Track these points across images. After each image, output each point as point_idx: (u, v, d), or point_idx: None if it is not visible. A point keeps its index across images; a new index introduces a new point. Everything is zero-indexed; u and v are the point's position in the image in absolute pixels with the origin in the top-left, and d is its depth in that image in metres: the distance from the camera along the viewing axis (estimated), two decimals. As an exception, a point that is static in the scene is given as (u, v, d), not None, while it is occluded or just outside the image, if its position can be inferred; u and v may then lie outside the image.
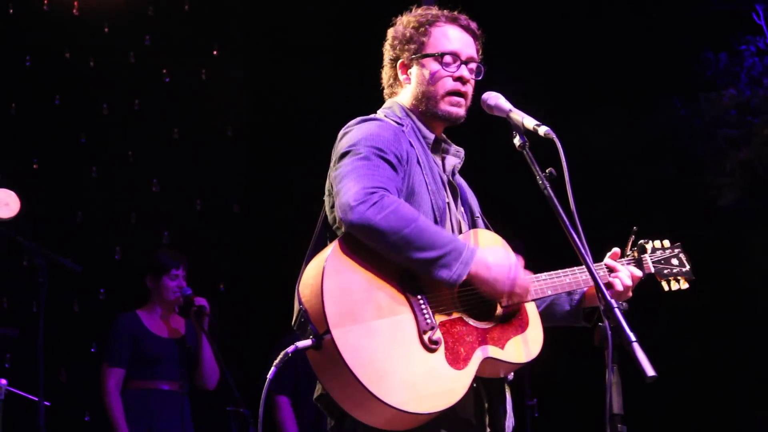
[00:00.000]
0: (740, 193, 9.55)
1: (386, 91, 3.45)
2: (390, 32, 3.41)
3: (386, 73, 3.43)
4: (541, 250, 3.47)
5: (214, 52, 8.72)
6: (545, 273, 3.26)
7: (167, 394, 6.30)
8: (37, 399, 5.11)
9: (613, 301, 2.74)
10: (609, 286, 3.37)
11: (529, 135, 3.13)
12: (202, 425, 6.59)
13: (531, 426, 6.85)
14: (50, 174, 7.92)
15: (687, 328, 9.30)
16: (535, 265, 3.29)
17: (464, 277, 2.94)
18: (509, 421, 3.22)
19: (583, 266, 3.30)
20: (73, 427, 7.45)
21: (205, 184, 8.46)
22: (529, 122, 3.13)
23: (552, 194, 2.97)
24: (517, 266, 3.08)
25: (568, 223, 2.90)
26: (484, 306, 3.11)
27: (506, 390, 3.24)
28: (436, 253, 2.91)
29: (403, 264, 2.94)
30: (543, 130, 3.08)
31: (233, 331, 7.54)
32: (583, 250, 2.89)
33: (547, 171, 3.02)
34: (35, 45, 8.01)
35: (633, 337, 2.66)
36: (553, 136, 3.05)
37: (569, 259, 3.12)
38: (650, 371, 2.61)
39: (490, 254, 3.04)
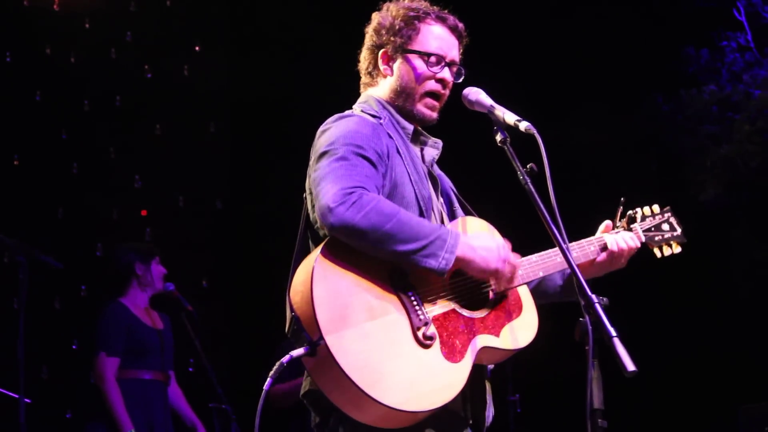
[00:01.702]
0: (721, 189, 9.59)
1: (363, 78, 3.41)
2: (376, 17, 3.38)
3: (365, 58, 3.39)
4: (523, 245, 3.47)
5: (197, 48, 8.71)
6: (535, 254, 3.26)
7: (154, 383, 6.29)
8: (17, 396, 5.08)
9: (593, 297, 2.74)
10: (605, 248, 3.44)
11: (510, 130, 3.13)
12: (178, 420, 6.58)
13: (513, 421, 6.86)
14: (31, 170, 7.89)
15: (669, 323, 9.33)
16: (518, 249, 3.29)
17: (452, 264, 2.93)
18: (489, 411, 3.22)
19: (573, 244, 3.34)
20: (54, 425, 7.42)
21: (187, 181, 8.44)
22: (510, 118, 3.13)
23: (533, 190, 2.97)
24: (505, 246, 3.08)
25: (548, 218, 2.90)
26: (477, 295, 3.11)
27: (486, 381, 3.23)
28: (421, 243, 2.90)
29: (390, 259, 2.93)
30: (524, 125, 3.08)
31: (216, 328, 7.53)
32: (564, 246, 2.89)
33: (528, 166, 3.02)
34: (16, 41, 7.98)
35: (614, 332, 2.66)
36: (534, 131, 3.05)
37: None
38: (630, 366, 2.61)
39: (474, 238, 3.04)
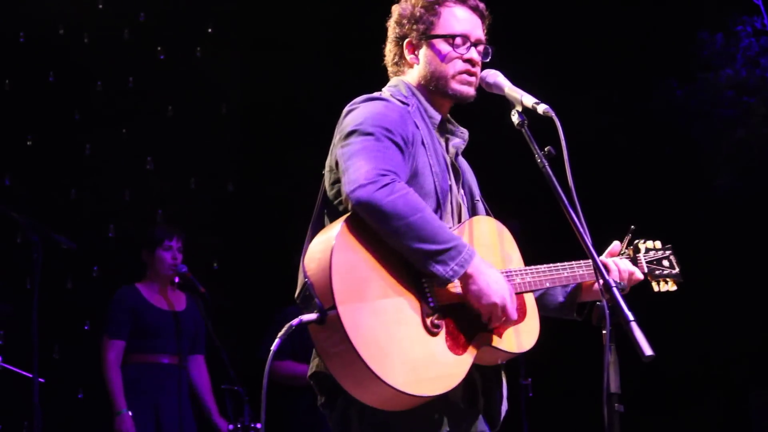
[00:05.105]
0: (736, 173, 9.54)
1: (390, 69, 3.39)
2: (396, 9, 3.36)
3: (391, 51, 3.37)
4: (541, 231, 3.46)
5: (209, 30, 8.69)
6: (544, 265, 3.25)
7: (166, 367, 6.29)
8: (31, 376, 5.10)
9: (611, 280, 2.74)
10: (606, 270, 3.39)
11: (528, 113, 3.11)
12: (197, 403, 6.59)
13: (525, 406, 6.86)
14: (44, 151, 7.91)
15: (682, 308, 9.31)
16: (533, 246, 3.28)
17: (458, 277, 2.92)
18: (503, 407, 3.22)
19: (581, 262, 3.30)
20: (66, 404, 7.45)
21: (199, 162, 8.44)
22: (528, 100, 3.12)
23: (550, 172, 2.96)
24: (513, 296, 3.03)
25: (566, 201, 2.89)
26: None
27: (502, 375, 3.23)
28: (437, 247, 2.88)
29: (401, 251, 2.92)
30: (542, 108, 3.07)
31: (227, 310, 7.54)
32: (581, 228, 2.88)
33: (545, 149, 3.01)
34: (29, 21, 7.97)
35: (631, 317, 2.66)
36: (552, 114, 3.03)
37: (570, 239, 3.09)
38: (648, 351, 2.60)
39: (490, 269, 2.99)
